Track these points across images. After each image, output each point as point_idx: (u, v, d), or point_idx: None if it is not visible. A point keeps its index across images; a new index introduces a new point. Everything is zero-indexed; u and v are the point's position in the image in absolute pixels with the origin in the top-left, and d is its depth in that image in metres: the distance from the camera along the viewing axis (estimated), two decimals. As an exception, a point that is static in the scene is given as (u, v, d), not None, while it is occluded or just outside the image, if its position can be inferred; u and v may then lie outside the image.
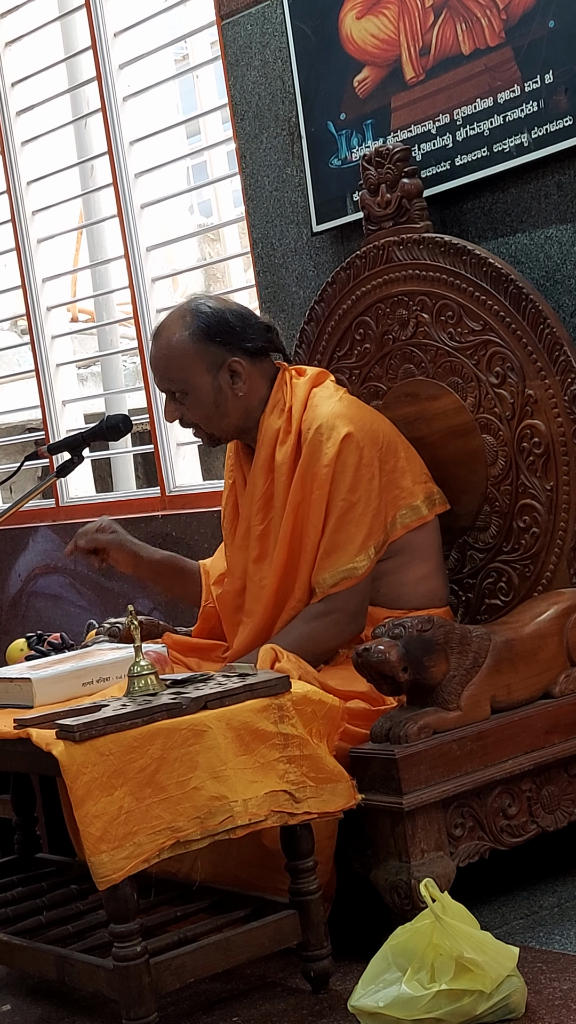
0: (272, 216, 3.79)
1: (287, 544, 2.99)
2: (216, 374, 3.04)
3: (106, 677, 2.83)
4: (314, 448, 2.96)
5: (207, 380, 3.05)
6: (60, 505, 4.88)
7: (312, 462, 2.96)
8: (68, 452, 3.27)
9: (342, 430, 2.95)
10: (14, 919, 2.83)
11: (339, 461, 2.94)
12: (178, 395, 3.09)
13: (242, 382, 3.05)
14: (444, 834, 2.62)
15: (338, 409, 3.00)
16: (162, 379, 3.10)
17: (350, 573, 2.93)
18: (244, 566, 3.09)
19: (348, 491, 2.94)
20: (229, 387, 3.05)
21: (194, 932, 2.57)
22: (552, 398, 3.01)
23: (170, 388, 3.09)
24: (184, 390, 3.07)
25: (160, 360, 3.09)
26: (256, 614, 3.05)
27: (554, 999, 2.35)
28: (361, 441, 2.96)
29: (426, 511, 3.05)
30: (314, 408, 3.01)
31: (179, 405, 3.10)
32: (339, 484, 2.94)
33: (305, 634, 2.92)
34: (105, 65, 4.39)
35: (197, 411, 3.08)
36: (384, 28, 3.38)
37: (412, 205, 3.23)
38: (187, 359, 3.04)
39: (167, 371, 3.08)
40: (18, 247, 4.87)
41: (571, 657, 2.88)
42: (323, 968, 2.54)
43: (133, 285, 4.39)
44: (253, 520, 3.07)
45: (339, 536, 2.93)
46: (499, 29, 3.14)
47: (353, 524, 2.93)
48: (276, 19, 3.68)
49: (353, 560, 2.93)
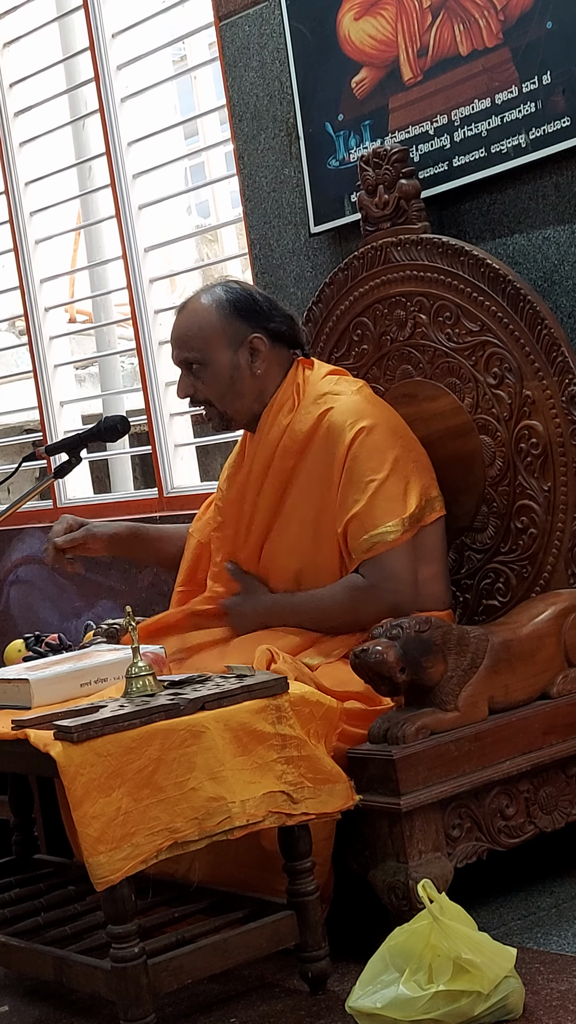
0: (270, 217, 3.79)
1: (297, 530, 3.01)
2: (236, 350, 3.04)
3: (104, 678, 2.82)
4: (331, 443, 2.97)
5: (227, 355, 3.05)
6: (58, 506, 4.88)
7: (330, 457, 2.96)
8: (66, 453, 3.27)
9: (358, 421, 2.97)
10: (12, 920, 2.82)
11: (356, 446, 2.95)
12: (195, 367, 3.07)
13: (261, 361, 3.05)
14: (442, 835, 2.62)
15: (354, 400, 3.02)
16: (182, 348, 3.09)
17: (382, 538, 2.91)
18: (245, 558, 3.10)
19: (372, 472, 2.94)
20: (248, 364, 3.05)
21: (192, 933, 2.57)
22: (550, 399, 3.01)
23: (188, 359, 3.08)
24: (202, 361, 3.06)
25: (182, 329, 3.09)
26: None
27: (552, 1000, 2.35)
28: (379, 427, 2.97)
29: (439, 506, 3.05)
30: (330, 402, 3.02)
31: (194, 379, 3.08)
32: (361, 467, 2.94)
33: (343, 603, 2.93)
34: (103, 66, 4.38)
35: (212, 386, 3.08)
36: (382, 29, 3.38)
37: (410, 206, 3.23)
38: (211, 329, 3.05)
39: (189, 340, 3.07)
40: (16, 248, 4.87)
41: (569, 658, 2.88)
42: (321, 969, 2.54)
43: (131, 286, 4.39)
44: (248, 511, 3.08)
45: (370, 509, 2.92)
46: (497, 30, 3.14)
47: (382, 497, 2.93)
48: (274, 20, 3.68)
49: (388, 523, 2.92)
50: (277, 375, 3.09)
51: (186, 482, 4.40)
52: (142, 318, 4.37)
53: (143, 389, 4.42)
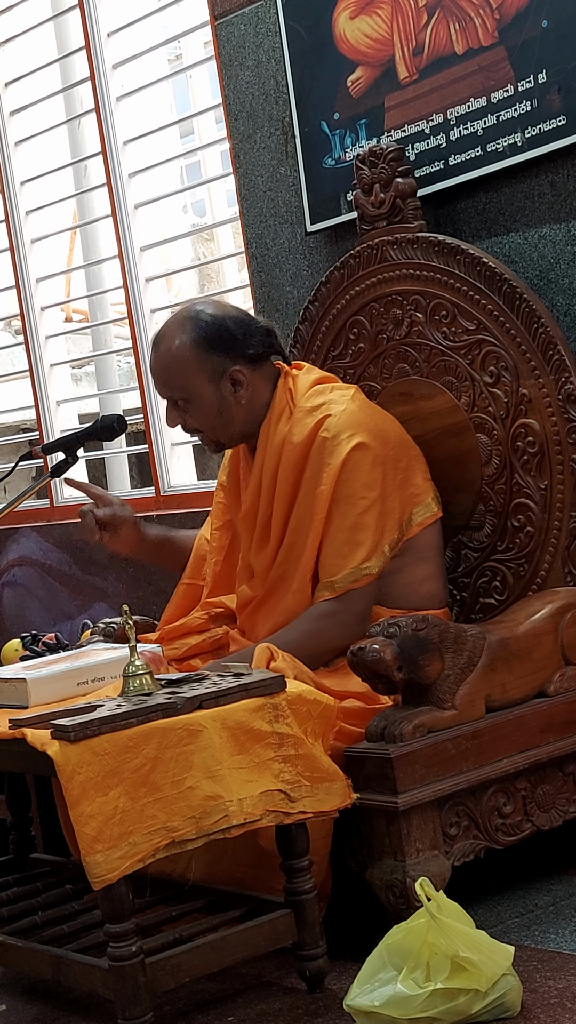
0: (266, 216, 3.79)
1: (290, 545, 3.00)
2: (218, 383, 3.03)
3: (101, 677, 2.83)
4: (325, 454, 2.96)
5: (209, 389, 3.04)
6: (55, 505, 4.88)
7: (322, 466, 2.95)
8: (62, 452, 3.26)
9: (353, 436, 2.95)
10: (9, 919, 2.82)
11: (351, 462, 2.93)
12: (180, 403, 3.08)
13: (244, 390, 3.05)
14: (439, 833, 2.62)
15: (349, 411, 3.00)
16: (163, 387, 3.09)
17: (367, 572, 2.92)
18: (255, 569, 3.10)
19: (364, 489, 2.93)
20: (232, 395, 3.04)
21: (189, 932, 2.57)
22: (546, 397, 3.01)
23: (172, 396, 3.09)
24: (186, 398, 3.06)
25: (161, 369, 3.08)
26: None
27: (549, 997, 2.35)
28: (372, 443, 2.96)
29: (436, 508, 3.05)
30: (325, 411, 3.01)
31: (181, 412, 3.09)
32: (352, 485, 2.93)
33: (311, 632, 2.91)
34: (98, 65, 4.38)
35: (201, 419, 3.08)
36: (377, 28, 3.38)
37: (406, 205, 3.23)
38: (188, 369, 3.03)
39: (169, 380, 3.07)
40: (12, 247, 4.86)
41: (566, 656, 2.88)
42: (319, 967, 2.54)
43: (127, 285, 4.39)
44: (252, 527, 3.08)
45: (355, 536, 2.92)
46: (492, 29, 3.14)
47: (368, 524, 2.93)
48: (269, 19, 3.68)
49: (370, 560, 2.92)
50: (265, 389, 3.09)
51: (183, 481, 4.40)
52: (138, 317, 4.37)
53: (139, 388, 4.42)
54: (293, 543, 3.00)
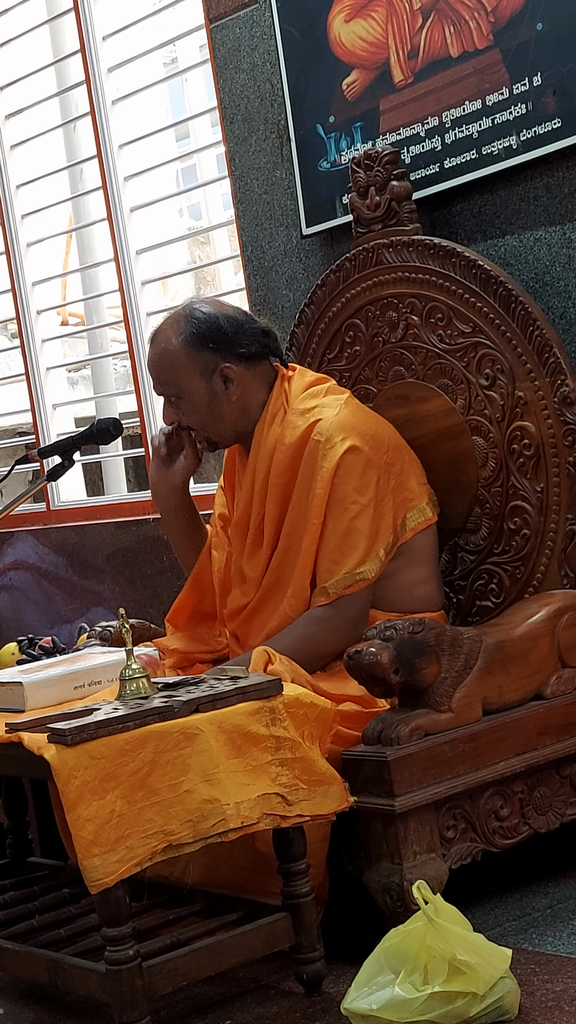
0: (262, 219, 3.79)
1: (284, 549, 3.00)
2: (209, 380, 3.05)
3: (98, 681, 2.83)
4: (318, 457, 2.96)
5: (200, 385, 3.06)
6: (51, 509, 4.87)
7: (315, 470, 2.95)
8: (59, 456, 3.26)
9: (346, 439, 2.95)
10: (6, 923, 2.82)
11: (344, 467, 2.93)
12: (173, 399, 3.11)
13: (235, 387, 3.06)
14: (436, 836, 2.62)
15: (342, 415, 3.00)
16: (157, 383, 3.14)
17: (362, 576, 2.92)
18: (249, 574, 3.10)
19: (356, 494, 2.93)
20: (223, 392, 3.06)
21: (187, 935, 2.57)
22: (542, 400, 3.01)
23: (165, 392, 3.12)
24: (178, 395, 3.09)
25: (155, 365, 3.12)
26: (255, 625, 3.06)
27: (547, 1000, 2.35)
28: (365, 447, 2.96)
29: (431, 512, 3.06)
30: (317, 414, 3.01)
31: (176, 409, 3.12)
32: (345, 489, 2.93)
33: (304, 637, 2.91)
34: (94, 69, 4.38)
35: (192, 415, 3.10)
36: (372, 31, 3.38)
37: (401, 207, 3.23)
38: (180, 364, 3.06)
39: (162, 376, 3.11)
40: (8, 250, 4.86)
41: (562, 659, 2.88)
42: (316, 971, 2.54)
43: (123, 288, 4.39)
44: (245, 528, 3.08)
45: (349, 540, 2.93)
46: (487, 32, 3.14)
47: (361, 529, 2.93)
48: (264, 22, 3.68)
49: (364, 564, 2.92)
50: (260, 390, 3.10)
51: (179, 484, 4.39)
52: (134, 320, 4.37)
53: (136, 392, 4.42)
54: (287, 548, 3.00)
